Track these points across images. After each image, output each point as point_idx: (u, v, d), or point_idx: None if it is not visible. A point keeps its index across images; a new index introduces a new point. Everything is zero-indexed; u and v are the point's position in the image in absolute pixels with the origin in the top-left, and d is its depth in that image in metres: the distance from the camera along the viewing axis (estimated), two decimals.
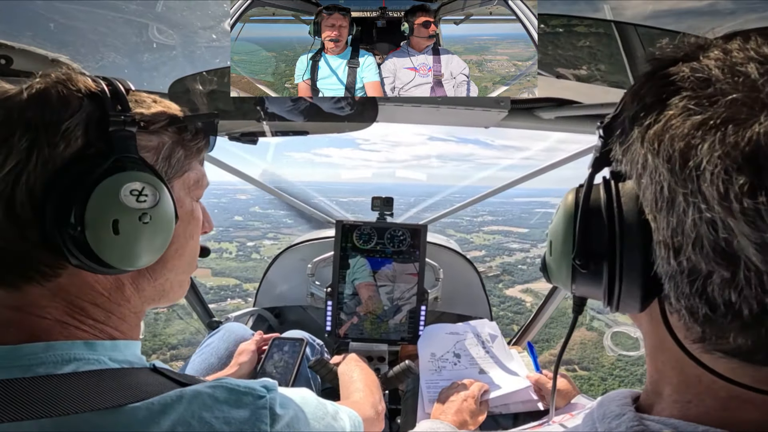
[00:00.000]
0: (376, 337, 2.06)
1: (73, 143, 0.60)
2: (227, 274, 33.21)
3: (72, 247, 0.59)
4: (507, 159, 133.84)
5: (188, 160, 0.76)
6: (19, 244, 0.59)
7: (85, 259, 0.61)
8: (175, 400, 0.59)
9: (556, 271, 0.56)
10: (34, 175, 0.58)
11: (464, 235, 48.26)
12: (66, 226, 0.59)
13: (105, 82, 0.66)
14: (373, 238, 2.09)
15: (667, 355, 0.49)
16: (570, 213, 0.53)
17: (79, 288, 0.65)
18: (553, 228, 0.57)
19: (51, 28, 1.03)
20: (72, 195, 0.59)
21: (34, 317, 0.61)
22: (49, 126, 0.59)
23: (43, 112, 0.59)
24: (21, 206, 0.58)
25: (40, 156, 0.58)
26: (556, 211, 0.57)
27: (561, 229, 0.54)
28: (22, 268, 0.60)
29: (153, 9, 1.00)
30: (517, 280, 35.88)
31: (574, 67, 1.31)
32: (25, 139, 0.57)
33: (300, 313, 2.83)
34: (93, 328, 0.65)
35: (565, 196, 0.55)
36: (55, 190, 0.59)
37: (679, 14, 0.94)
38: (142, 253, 0.66)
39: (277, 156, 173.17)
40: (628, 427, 0.47)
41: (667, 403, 0.49)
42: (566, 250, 0.52)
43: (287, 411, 0.68)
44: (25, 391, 0.53)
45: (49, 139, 0.58)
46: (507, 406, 1.60)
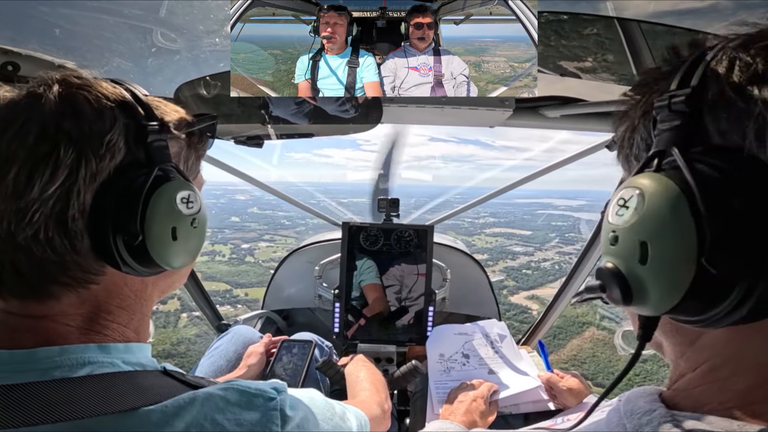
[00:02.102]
0: (384, 338, 2.06)
1: (116, 154, 0.61)
2: (218, 279, 32.69)
3: (126, 254, 0.62)
4: (509, 160, 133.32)
5: (198, 162, 0.80)
6: (68, 255, 0.60)
7: (137, 264, 0.64)
8: (188, 403, 0.59)
9: (661, 281, 0.44)
10: (84, 189, 0.59)
11: (466, 237, 47.74)
12: (124, 236, 0.61)
13: (123, 88, 0.67)
14: (380, 239, 2.09)
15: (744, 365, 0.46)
16: (676, 202, 0.42)
17: (110, 292, 0.66)
18: (643, 228, 0.45)
19: (56, 34, 1.04)
20: (129, 206, 0.61)
21: (55, 324, 0.61)
22: (92, 138, 0.59)
23: (81, 124, 0.59)
24: (73, 220, 0.58)
25: (89, 169, 0.58)
26: (635, 207, 0.45)
27: (667, 225, 0.43)
28: (65, 277, 0.61)
29: (157, 14, 1.00)
30: (522, 286, 35.02)
31: (578, 65, 1.30)
32: (71, 152, 0.57)
33: (308, 315, 2.83)
34: (113, 332, 0.66)
35: (644, 185, 0.45)
36: (107, 201, 0.60)
37: (680, 14, 0.93)
38: (189, 254, 0.72)
39: (280, 157, 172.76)
40: (661, 423, 0.47)
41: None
42: (684, 250, 0.41)
43: (297, 412, 0.69)
44: (42, 395, 0.54)
45: (95, 152, 0.59)
46: (517, 406, 1.59)
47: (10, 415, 0.50)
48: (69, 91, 0.60)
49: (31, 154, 0.56)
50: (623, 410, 0.53)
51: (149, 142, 0.65)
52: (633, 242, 0.45)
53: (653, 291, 0.44)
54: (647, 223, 0.44)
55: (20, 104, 0.59)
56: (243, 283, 33.72)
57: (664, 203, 0.43)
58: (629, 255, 0.45)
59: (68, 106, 0.59)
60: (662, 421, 0.47)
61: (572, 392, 1.52)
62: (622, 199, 0.48)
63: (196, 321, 15.47)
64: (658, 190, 0.44)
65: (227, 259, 38.84)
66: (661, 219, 0.43)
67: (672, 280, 0.43)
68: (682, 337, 0.51)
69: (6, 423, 0.50)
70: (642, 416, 0.49)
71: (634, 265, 0.45)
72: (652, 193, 0.44)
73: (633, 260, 0.45)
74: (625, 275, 0.46)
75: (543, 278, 37.40)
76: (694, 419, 0.45)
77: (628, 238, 0.46)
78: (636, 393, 0.54)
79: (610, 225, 0.49)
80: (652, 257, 0.44)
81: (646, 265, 0.44)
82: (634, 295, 0.46)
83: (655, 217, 0.43)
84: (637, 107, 0.53)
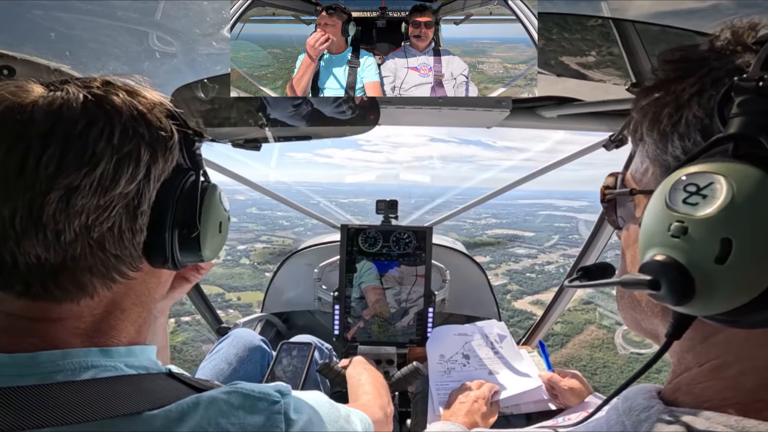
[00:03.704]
0: (384, 340, 2.06)
1: (174, 159, 0.67)
2: (210, 282, 30.90)
3: (177, 247, 0.68)
4: (508, 160, 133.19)
5: None
6: (123, 250, 0.62)
7: (184, 257, 0.70)
8: (191, 407, 0.59)
9: (736, 283, 0.39)
10: (153, 186, 0.64)
11: (467, 239, 47.34)
12: (184, 229, 0.69)
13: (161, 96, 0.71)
14: (379, 241, 2.09)
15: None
16: None
17: (130, 288, 0.67)
18: (730, 222, 0.39)
19: (52, 37, 1.04)
20: (188, 203, 0.69)
21: (63, 328, 0.61)
22: (160, 142, 0.64)
23: (151, 129, 0.63)
24: (142, 215, 0.63)
25: (157, 169, 0.63)
26: (717, 197, 0.40)
27: (760, 221, 0.38)
28: (115, 272, 0.63)
29: (152, 17, 1.00)
30: (526, 291, 34.04)
31: (574, 66, 1.30)
32: (149, 153, 0.62)
33: (308, 318, 2.83)
34: (120, 332, 0.66)
35: (729, 173, 0.40)
36: (166, 199, 0.66)
37: (682, 14, 0.93)
38: (222, 246, 0.81)
39: (280, 157, 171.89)
40: (659, 418, 0.46)
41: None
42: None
43: (301, 415, 0.69)
44: (45, 398, 0.53)
45: (163, 154, 0.64)
46: (518, 407, 1.59)
47: (12, 418, 0.50)
48: (131, 97, 0.64)
49: (116, 151, 0.58)
50: (622, 408, 0.53)
51: (192, 150, 0.72)
52: (712, 237, 0.40)
53: (721, 293, 0.40)
54: (736, 218, 0.39)
55: (88, 105, 0.59)
56: (236, 287, 32.86)
57: (760, 196, 0.38)
58: (704, 251, 0.40)
59: (136, 111, 0.62)
60: (660, 417, 0.47)
61: (573, 392, 1.52)
62: (693, 185, 0.42)
63: (185, 327, 15.17)
64: (751, 180, 0.39)
65: (222, 261, 37.37)
66: (755, 214, 0.38)
67: (749, 283, 0.39)
68: (695, 333, 0.49)
69: (8, 426, 0.49)
70: (640, 413, 0.49)
71: (708, 263, 0.40)
72: (743, 183, 0.39)
73: (707, 258, 0.40)
74: (691, 273, 0.41)
75: (547, 282, 36.27)
76: (691, 414, 0.45)
77: (706, 231, 0.40)
78: (634, 391, 0.54)
79: (675, 214, 0.42)
80: (734, 256, 0.39)
81: (725, 264, 0.39)
82: (697, 295, 0.41)
83: (748, 212, 0.39)
84: (687, 84, 0.47)
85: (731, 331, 0.47)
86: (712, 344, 0.49)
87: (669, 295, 0.43)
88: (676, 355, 0.54)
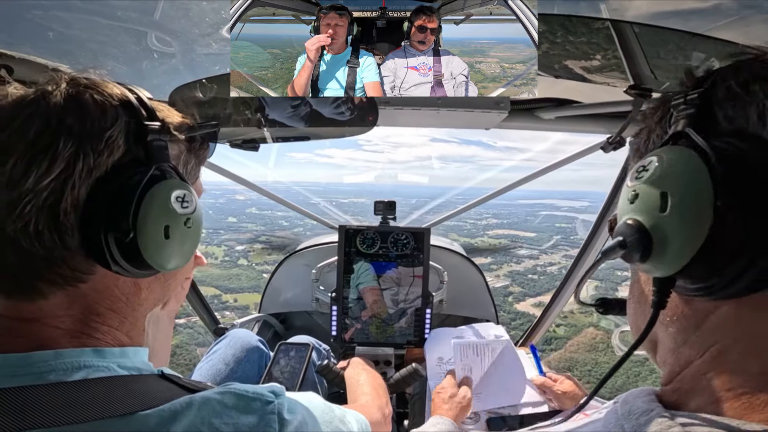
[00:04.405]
0: (382, 340, 2.06)
1: (115, 151, 0.62)
2: (207, 283, 30.82)
3: (116, 251, 0.61)
4: (509, 161, 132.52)
5: (198, 167, 0.80)
6: (57, 251, 0.59)
7: (127, 263, 0.63)
8: (185, 407, 0.59)
9: (681, 227, 0.46)
10: (79, 183, 0.59)
11: (468, 239, 46.50)
12: (116, 232, 0.61)
13: (127, 89, 0.67)
14: (377, 242, 2.09)
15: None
16: (689, 157, 0.47)
17: (99, 292, 0.65)
18: (663, 181, 0.48)
19: (50, 37, 1.03)
20: (122, 202, 0.61)
21: (46, 327, 0.60)
22: (93, 134, 0.60)
23: (84, 120, 0.59)
24: (65, 213, 0.58)
25: (86, 164, 0.59)
26: (654, 168, 0.50)
27: (684, 175, 0.47)
28: (52, 274, 0.60)
29: (151, 17, 1.00)
30: (529, 293, 33.51)
31: (572, 67, 1.31)
32: (70, 146, 0.58)
33: (305, 319, 2.83)
34: (105, 335, 0.65)
35: (661, 152, 0.50)
36: (101, 197, 0.60)
37: (683, 15, 0.94)
38: (182, 255, 0.71)
39: (279, 157, 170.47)
40: (659, 422, 0.47)
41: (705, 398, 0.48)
42: (700, 194, 0.45)
43: (295, 416, 0.68)
44: (37, 399, 0.53)
45: (94, 147, 0.59)
46: (515, 407, 1.60)
47: (4, 420, 0.49)
48: (76, 89, 0.61)
49: (30, 146, 0.56)
50: (621, 411, 0.53)
51: (149, 141, 0.66)
52: (653, 195, 0.49)
53: (673, 239, 0.47)
54: (666, 177, 0.48)
55: (27, 100, 0.59)
56: (233, 288, 32.34)
57: (681, 160, 0.48)
58: (650, 207, 0.49)
59: (73, 103, 0.60)
60: (660, 421, 0.47)
61: (567, 395, 1.53)
62: (641, 167, 0.52)
63: (179, 330, 14.97)
64: (675, 153, 0.49)
65: (219, 262, 37.42)
66: (679, 171, 0.48)
67: (691, 225, 0.46)
68: (687, 321, 0.52)
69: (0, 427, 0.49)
70: (640, 416, 0.49)
71: (655, 214, 0.49)
72: (670, 156, 0.49)
73: (654, 211, 0.49)
74: (646, 226, 0.50)
75: (550, 283, 35.59)
76: (692, 418, 0.45)
77: (648, 191, 0.50)
78: (633, 394, 0.54)
79: (629, 187, 0.53)
80: (672, 204, 0.47)
81: (666, 212, 0.47)
82: (654, 246, 0.49)
83: (674, 171, 0.48)
84: (654, 115, 0.58)
85: (721, 313, 0.49)
86: (706, 331, 0.50)
87: (634, 249, 0.51)
88: (672, 353, 0.55)
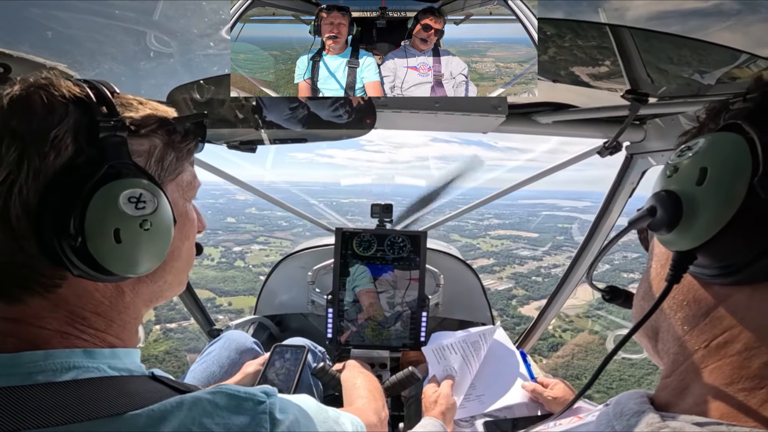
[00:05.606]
0: (378, 343, 2.06)
1: (63, 152, 0.59)
2: (202, 286, 30.03)
3: (73, 257, 0.59)
4: (512, 161, 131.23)
5: (180, 162, 0.75)
6: (18, 257, 0.58)
7: (87, 268, 0.60)
8: (175, 407, 0.58)
9: (713, 199, 0.48)
10: (26, 187, 0.57)
11: (470, 240, 45.87)
12: (65, 237, 0.58)
13: (88, 86, 0.64)
14: (373, 245, 2.09)
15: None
16: (735, 140, 0.48)
17: (80, 297, 0.64)
18: (705, 156, 0.50)
19: (48, 36, 1.03)
20: (69, 205, 0.58)
21: (33, 328, 0.60)
22: (37, 135, 0.57)
23: (29, 121, 0.57)
24: (17, 219, 0.57)
25: (31, 167, 0.57)
26: (698, 147, 0.52)
27: (727, 153, 0.48)
28: (23, 280, 0.59)
29: (150, 17, 1.00)
30: (533, 296, 32.41)
31: (570, 72, 1.31)
32: (14, 149, 0.56)
33: (301, 321, 2.82)
34: (93, 337, 0.65)
35: (707, 135, 0.52)
36: (50, 201, 0.58)
37: (684, 15, 0.94)
38: (145, 259, 0.66)
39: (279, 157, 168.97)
40: (649, 423, 0.47)
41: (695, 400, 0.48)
42: (738, 171, 0.46)
43: (287, 416, 0.68)
44: (25, 399, 0.52)
45: (39, 149, 0.57)
46: (511, 410, 1.60)
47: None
48: (27, 90, 0.59)
49: None
50: (612, 412, 0.53)
51: (101, 138, 0.61)
52: (693, 168, 0.50)
53: (703, 211, 0.49)
54: (710, 155, 0.50)
55: None
56: (228, 291, 31.33)
57: (728, 142, 0.49)
58: (687, 178, 0.51)
59: (20, 104, 0.58)
60: (650, 422, 0.47)
61: (558, 401, 1.53)
62: (686, 146, 0.54)
63: (170, 335, 14.68)
64: (723, 136, 0.50)
65: (215, 264, 36.19)
66: (725, 152, 0.49)
67: (724, 199, 0.47)
68: (697, 307, 0.52)
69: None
70: (630, 417, 0.50)
71: (692, 187, 0.50)
72: (718, 138, 0.50)
73: (690, 183, 0.50)
74: (679, 195, 0.52)
75: (554, 286, 35.04)
76: (681, 421, 0.45)
77: (689, 165, 0.51)
78: (625, 396, 0.55)
79: (670, 163, 0.55)
80: (710, 178, 0.49)
81: (703, 185, 0.49)
82: (684, 215, 0.51)
83: (719, 151, 0.49)
84: (711, 112, 0.58)
85: (732, 302, 0.49)
86: (715, 319, 0.50)
87: (663, 217, 0.53)
88: (676, 341, 0.55)
